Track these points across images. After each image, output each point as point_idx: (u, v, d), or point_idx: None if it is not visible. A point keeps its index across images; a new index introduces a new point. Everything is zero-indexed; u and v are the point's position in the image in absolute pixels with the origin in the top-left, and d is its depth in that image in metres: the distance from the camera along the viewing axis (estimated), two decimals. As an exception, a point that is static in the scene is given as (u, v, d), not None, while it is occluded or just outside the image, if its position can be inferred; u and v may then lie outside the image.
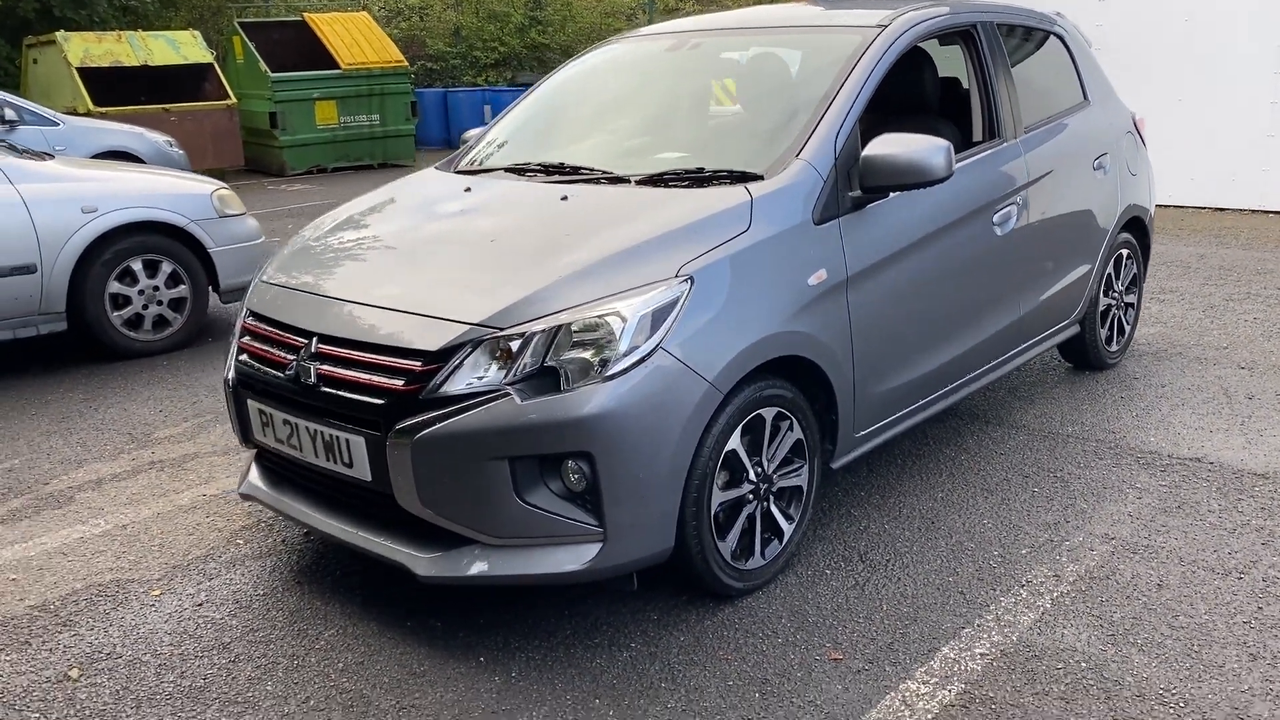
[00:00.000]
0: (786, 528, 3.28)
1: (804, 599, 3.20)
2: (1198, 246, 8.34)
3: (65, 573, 3.52)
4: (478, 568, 2.84)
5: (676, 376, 2.81)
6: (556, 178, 3.66)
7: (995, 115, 4.16)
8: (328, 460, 3.01)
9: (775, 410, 3.14)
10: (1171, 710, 2.62)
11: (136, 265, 5.99)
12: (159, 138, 11.92)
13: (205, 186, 6.35)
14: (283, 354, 3.11)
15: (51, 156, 6.32)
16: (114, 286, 5.92)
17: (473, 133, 4.53)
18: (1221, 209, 9.91)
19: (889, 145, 3.32)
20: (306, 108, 16.08)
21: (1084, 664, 2.82)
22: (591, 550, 2.81)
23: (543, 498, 2.80)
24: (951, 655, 2.88)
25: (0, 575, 3.51)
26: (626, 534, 2.82)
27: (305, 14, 17.62)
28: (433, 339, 2.82)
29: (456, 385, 2.78)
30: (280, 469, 3.36)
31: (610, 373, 2.73)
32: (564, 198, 3.41)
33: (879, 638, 2.98)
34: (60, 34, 14.26)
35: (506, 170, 3.89)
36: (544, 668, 2.89)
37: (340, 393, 2.93)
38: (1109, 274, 5.04)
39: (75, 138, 11.04)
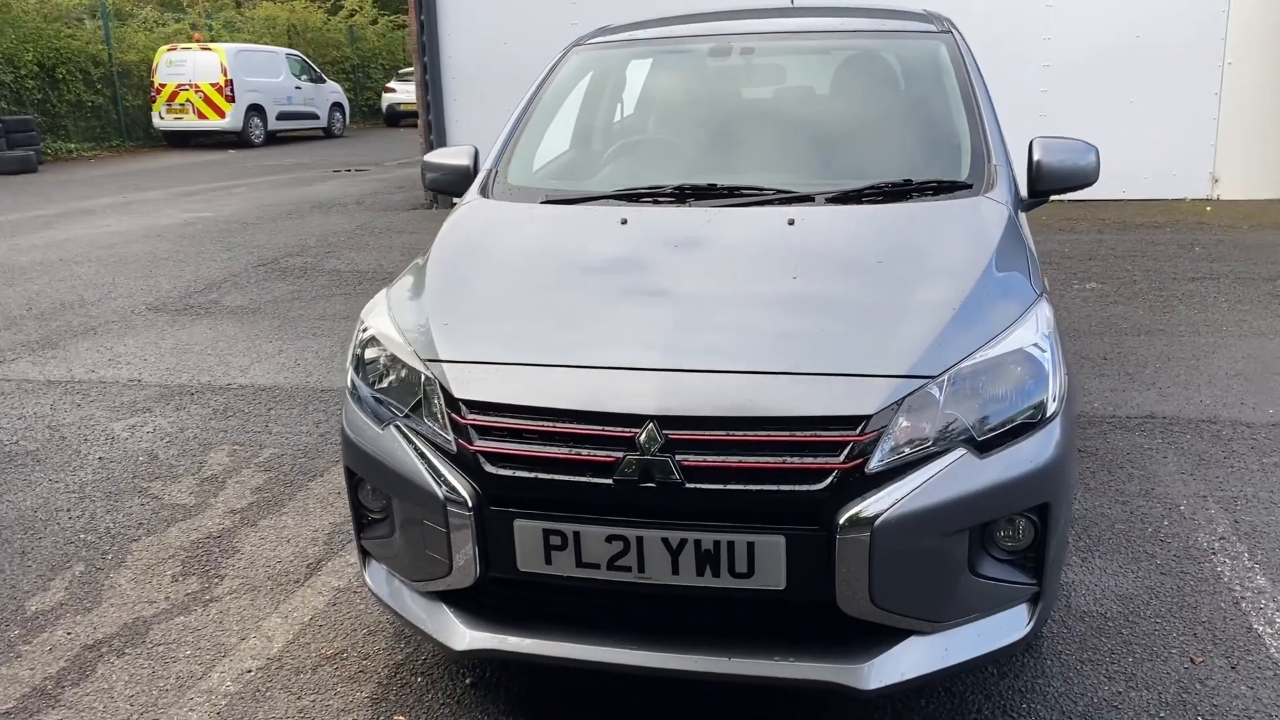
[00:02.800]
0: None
1: (1079, 622, 3.12)
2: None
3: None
4: (929, 663, 2.37)
5: (1071, 404, 2.60)
6: (706, 202, 3.15)
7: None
8: (700, 575, 2.32)
9: None
10: None
11: None
12: None
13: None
14: (600, 452, 2.32)
15: None
16: None
17: (441, 156, 3.67)
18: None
19: (1056, 151, 3.34)
20: None
21: None
22: (1023, 612, 2.49)
23: (989, 565, 2.43)
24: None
25: None
26: (1054, 586, 2.55)
27: None
28: (862, 399, 2.30)
29: (884, 451, 2.31)
30: (538, 605, 2.52)
31: (1050, 411, 2.45)
32: (790, 222, 2.96)
33: (1200, 634, 3.01)
34: None
35: (611, 198, 3.27)
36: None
37: (731, 486, 2.27)
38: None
39: None
